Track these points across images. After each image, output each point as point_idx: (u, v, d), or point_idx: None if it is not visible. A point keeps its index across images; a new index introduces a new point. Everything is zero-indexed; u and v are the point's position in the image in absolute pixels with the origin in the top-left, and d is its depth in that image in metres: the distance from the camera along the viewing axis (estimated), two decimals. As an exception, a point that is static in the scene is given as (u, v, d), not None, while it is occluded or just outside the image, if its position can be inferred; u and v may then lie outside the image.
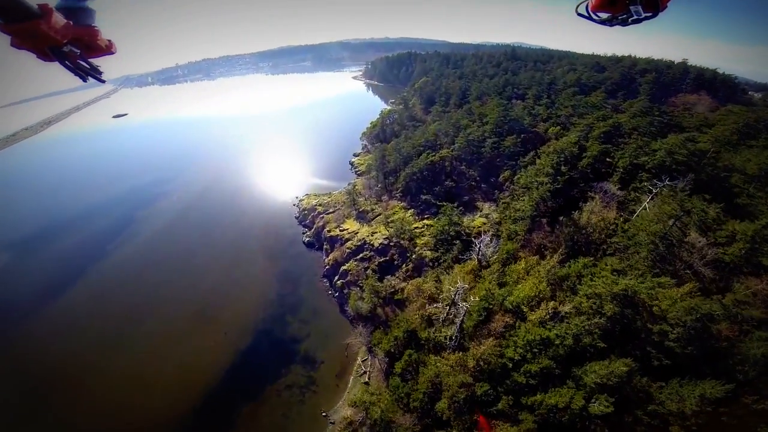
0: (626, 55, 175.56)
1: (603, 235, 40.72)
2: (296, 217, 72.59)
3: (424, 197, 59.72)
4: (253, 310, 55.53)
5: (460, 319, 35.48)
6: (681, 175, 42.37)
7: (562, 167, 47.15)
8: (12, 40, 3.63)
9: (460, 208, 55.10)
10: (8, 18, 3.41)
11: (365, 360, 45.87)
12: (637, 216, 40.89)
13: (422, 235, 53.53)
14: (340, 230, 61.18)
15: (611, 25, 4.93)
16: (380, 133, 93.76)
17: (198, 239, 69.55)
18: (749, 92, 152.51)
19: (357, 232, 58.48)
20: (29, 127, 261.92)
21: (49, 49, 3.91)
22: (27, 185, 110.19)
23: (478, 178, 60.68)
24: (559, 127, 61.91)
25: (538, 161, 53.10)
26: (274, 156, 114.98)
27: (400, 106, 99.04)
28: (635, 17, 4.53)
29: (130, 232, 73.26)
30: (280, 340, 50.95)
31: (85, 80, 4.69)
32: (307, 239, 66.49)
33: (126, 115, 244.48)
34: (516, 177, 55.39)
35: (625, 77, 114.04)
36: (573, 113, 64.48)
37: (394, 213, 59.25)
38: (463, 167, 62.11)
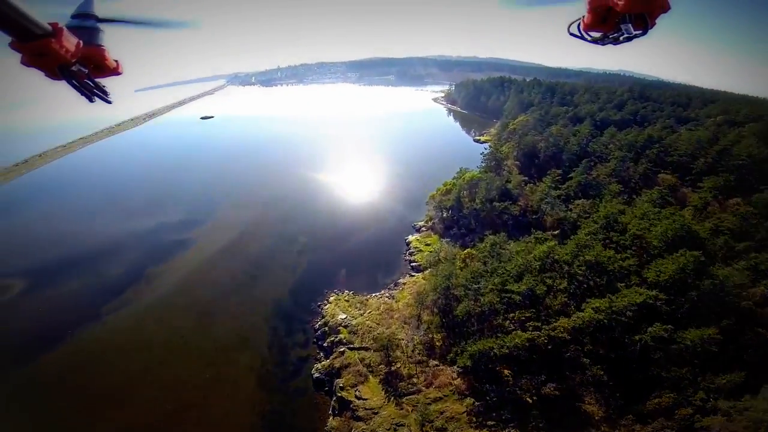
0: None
1: None
2: (315, 329, 51.65)
3: (500, 385, 34.08)
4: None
5: None
6: None
7: None
8: (23, 57, 3.71)
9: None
10: (21, 36, 3.45)
11: None
12: None
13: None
14: (356, 396, 38.60)
15: (603, 44, 5.26)
16: (455, 210, 68.19)
17: (191, 324, 52.44)
18: None
19: (377, 413, 35.43)
20: (135, 118, 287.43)
21: (58, 68, 4.02)
22: (65, 197, 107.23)
23: (605, 378, 33.27)
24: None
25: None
26: (330, 193, 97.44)
27: (490, 173, 72.14)
28: (626, 35, 4.73)
29: (131, 293, 58.58)
30: None
31: (91, 100, 4.87)
32: (317, 375, 45.11)
33: (212, 117, 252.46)
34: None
35: None
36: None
37: (440, 399, 34.74)
38: (582, 355, 34.55)
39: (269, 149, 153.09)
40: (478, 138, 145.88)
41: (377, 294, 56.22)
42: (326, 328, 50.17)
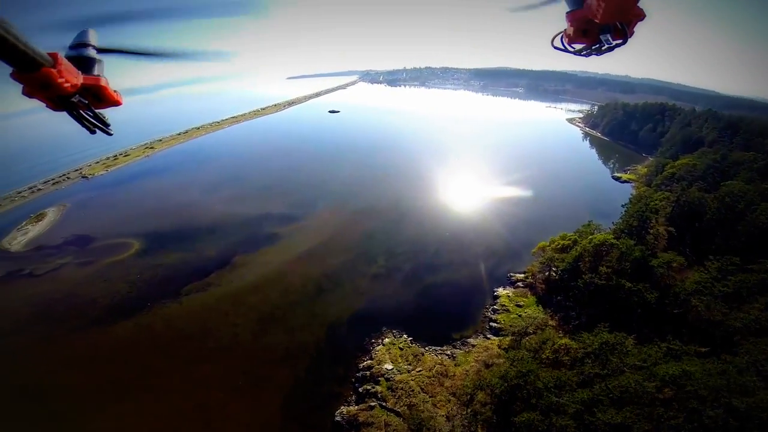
0: None
1: None
2: (358, 369, 46.56)
3: None
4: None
5: None
6: None
7: None
8: (24, 88, 3.68)
9: None
10: (21, 67, 3.42)
11: None
12: None
13: None
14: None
15: (587, 56, 5.38)
16: (568, 274, 53.26)
17: (249, 326, 52.57)
18: None
19: None
20: (277, 104, 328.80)
21: (58, 98, 3.99)
22: (200, 169, 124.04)
23: None
24: None
25: None
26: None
27: (628, 240, 54.01)
28: (607, 45, 4.91)
29: (214, 278, 62.40)
30: None
31: (92, 132, 4.79)
32: (339, 419, 40.04)
33: (338, 112, 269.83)
34: None
35: None
36: None
37: None
38: None
39: (382, 151, 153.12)
40: (618, 175, 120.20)
41: (438, 349, 48.41)
42: (368, 373, 44.91)
